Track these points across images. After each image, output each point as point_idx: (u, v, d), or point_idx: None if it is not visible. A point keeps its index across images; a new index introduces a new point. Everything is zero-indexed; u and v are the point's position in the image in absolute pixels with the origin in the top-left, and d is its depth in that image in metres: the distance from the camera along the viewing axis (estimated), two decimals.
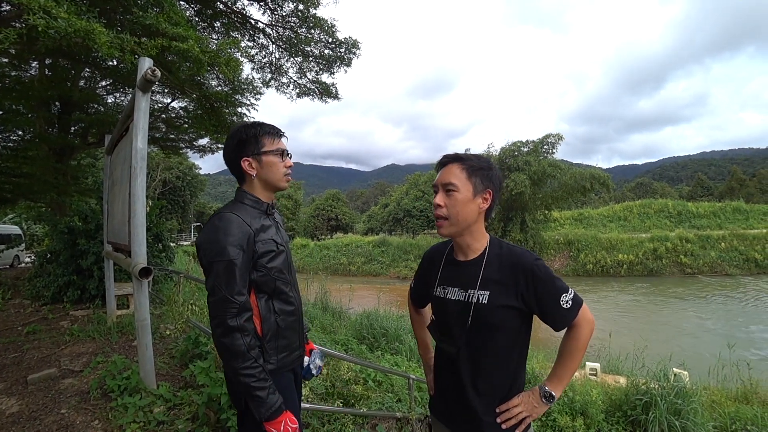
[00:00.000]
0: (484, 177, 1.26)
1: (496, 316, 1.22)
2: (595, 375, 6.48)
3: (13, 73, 7.58)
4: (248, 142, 1.41)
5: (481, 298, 1.24)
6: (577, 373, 6.41)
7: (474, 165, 1.26)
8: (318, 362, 1.68)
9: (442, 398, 1.40)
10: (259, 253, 1.34)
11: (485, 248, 1.29)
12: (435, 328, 1.41)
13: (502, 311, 1.22)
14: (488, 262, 1.27)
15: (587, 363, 6.98)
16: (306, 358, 1.65)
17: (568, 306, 1.21)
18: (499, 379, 1.28)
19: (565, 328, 1.27)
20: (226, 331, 1.23)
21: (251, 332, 1.28)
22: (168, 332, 4.23)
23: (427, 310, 1.65)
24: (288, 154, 1.48)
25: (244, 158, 1.41)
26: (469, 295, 1.26)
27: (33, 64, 8.00)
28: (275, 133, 1.45)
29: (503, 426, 1.25)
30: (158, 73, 2.36)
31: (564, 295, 1.21)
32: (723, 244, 27.24)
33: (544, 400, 1.25)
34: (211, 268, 1.26)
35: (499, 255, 1.27)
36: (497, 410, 1.26)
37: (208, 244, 1.29)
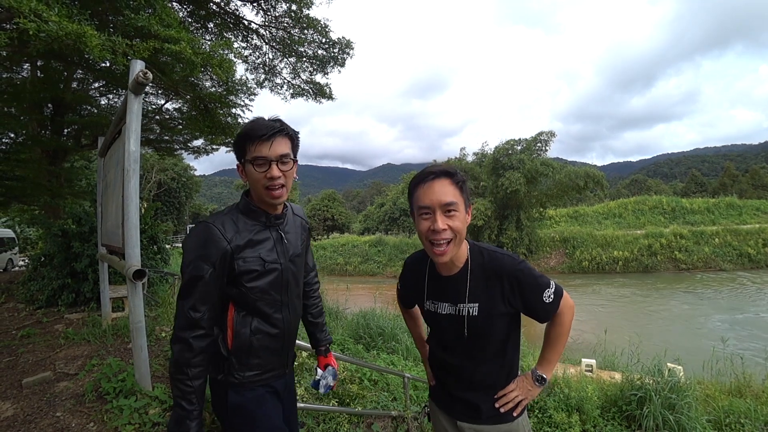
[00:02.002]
0: (467, 191, 1.24)
1: (488, 325, 1.26)
2: (591, 371, 6.52)
3: (4, 75, 7.53)
4: (238, 145, 1.27)
5: (471, 311, 1.26)
6: (573, 370, 6.44)
7: (461, 179, 1.21)
8: (330, 381, 1.60)
9: (443, 389, 1.45)
10: (238, 271, 1.23)
11: (467, 259, 1.28)
12: (435, 342, 1.45)
13: (494, 319, 1.26)
14: (472, 274, 1.27)
15: (583, 359, 7.02)
16: (319, 371, 1.60)
17: (551, 300, 1.26)
18: (496, 374, 1.34)
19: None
20: (174, 339, 1.21)
21: (198, 350, 1.19)
22: (163, 334, 4.22)
23: (417, 309, 1.68)
24: (269, 162, 1.23)
25: (238, 164, 1.31)
26: (459, 309, 1.28)
27: (25, 66, 7.94)
28: (257, 136, 1.22)
29: (501, 410, 1.32)
30: (150, 75, 2.36)
31: (546, 290, 1.26)
32: (717, 239, 27.51)
33: (536, 383, 1.34)
34: (182, 275, 1.22)
35: (481, 265, 1.27)
36: (495, 397, 1.33)
37: (184, 251, 1.24)
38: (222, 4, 7.17)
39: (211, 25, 7.48)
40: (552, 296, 1.27)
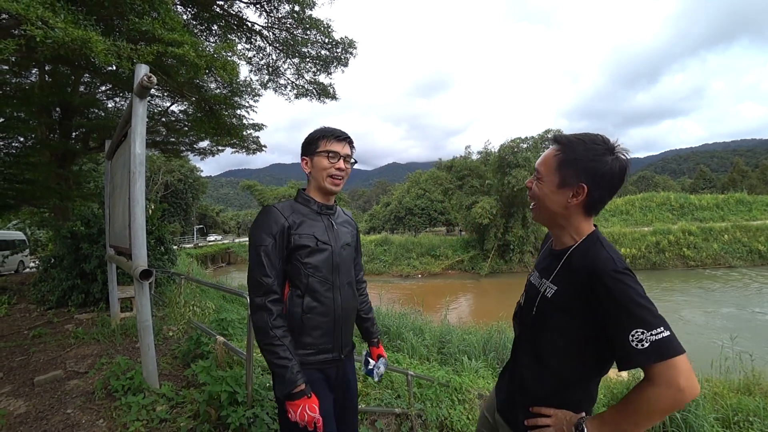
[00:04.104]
0: (580, 169, 1.07)
1: (556, 314, 1.09)
2: None
3: (13, 80, 7.65)
4: (310, 143, 1.51)
5: (548, 292, 1.14)
6: None
7: (569, 155, 1.10)
8: (382, 370, 1.77)
9: (502, 376, 1.38)
10: (294, 245, 1.41)
11: (576, 243, 1.14)
12: (517, 306, 1.35)
13: (563, 312, 1.08)
14: (570, 256, 1.12)
15: None
16: (371, 362, 1.76)
17: (642, 347, 0.90)
18: (549, 383, 1.13)
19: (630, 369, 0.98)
20: (254, 308, 1.37)
21: (276, 313, 1.35)
22: (171, 333, 4.29)
23: None
24: (340, 157, 1.49)
25: (303, 157, 1.53)
26: (541, 284, 1.19)
27: (33, 71, 8.06)
28: (332, 135, 1.50)
29: (527, 424, 1.15)
30: (154, 79, 2.40)
31: (639, 331, 0.90)
32: (726, 236, 27.18)
33: (574, 430, 1.05)
34: (249, 252, 1.42)
35: (583, 252, 1.10)
36: (530, 409, 1.15)
37: (250, 231, 1.45)
38: (225, 6, 7.23)
39: (215, 28, 7.54)
40: (646, 344, 0.89)
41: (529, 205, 1.25)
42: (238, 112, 8.79)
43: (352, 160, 1.56)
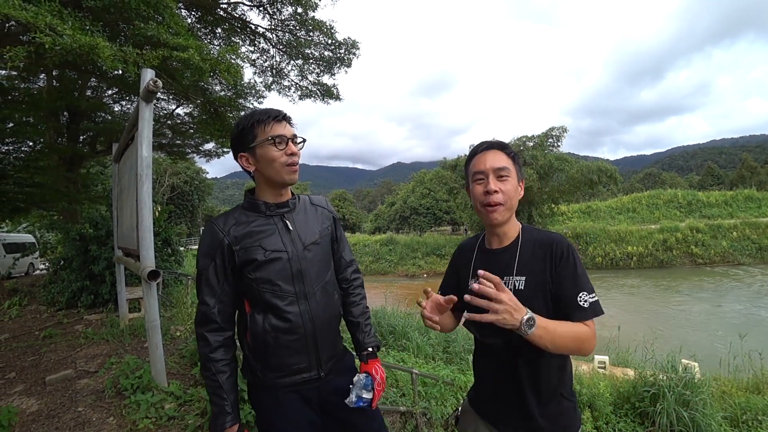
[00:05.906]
0: (520, 166, 1.27)
1: (534, 302, 1.13)
2: (604, 368, 6.47)
3: (22, 86, 7.77)
4: (241, 135, 1.26)
5: (518, 284, 1.17)
6: (585, 367, 6.40)
7: (513, 153, 1.26)
8: (362, 393, 1.34)
9: (492, 396, 1.29)
10: (239, 262, 1.23)
11: (518, 234, 1.25)
12: (473, 323, 1.21)
13: (540, 296, 1.15)
14: (523, 247, 1.22)
15: (596, 356, 6.95)
16: (357, 377, 1.38)
17: (585, 306, 1.09)
18: (550, 372, 1.19)
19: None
20: (197, 337, 1.28)
21: (215, 344, 1.24)
22: (178, 333, 4.35)
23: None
24: (287, 140, 1.26)
25: (240, 154, 1.29)
26: (505, 283, 1.15)
27: (41, 76, 8.19)
28: (269, 117, 1.25)
29: (474, 286, 0.99)
30: (160, 83, 2.45)
31: (584, 293, 1.10)
32: (735, 233, 26.84)
33: (524, 318, 0.97)
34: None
35: (532, 238, 1.23)
36: (478, 272, 1.05)
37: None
38: (229, 9, 7.29)
39: (219, 30, 7.61)
40: (588, 304, 1.10)
41: (489, 207, 1.20)
42: (243, 113, 8.85)
43: (300, 139, 1.31)
